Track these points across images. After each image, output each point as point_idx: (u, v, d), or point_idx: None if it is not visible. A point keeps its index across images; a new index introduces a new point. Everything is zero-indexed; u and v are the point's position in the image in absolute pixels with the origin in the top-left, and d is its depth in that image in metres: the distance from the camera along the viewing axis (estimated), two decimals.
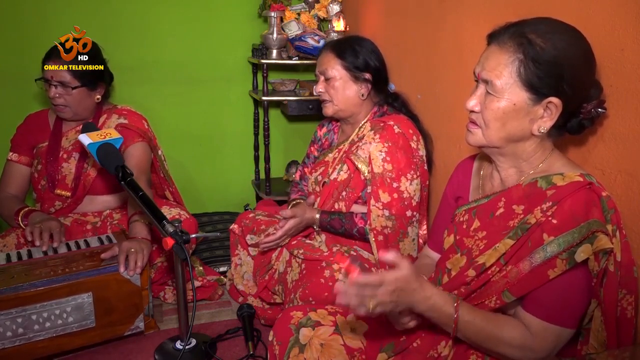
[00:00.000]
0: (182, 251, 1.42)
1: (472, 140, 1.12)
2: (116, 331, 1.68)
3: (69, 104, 1.92)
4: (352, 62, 1.76)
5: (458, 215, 1.22)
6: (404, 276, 0.99)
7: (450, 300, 1.04)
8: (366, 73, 1.77)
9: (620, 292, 1.01)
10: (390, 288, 0.97)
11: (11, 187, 1.98)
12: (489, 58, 1.06)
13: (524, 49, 1.01)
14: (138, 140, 1.99)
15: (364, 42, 1.83)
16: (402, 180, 1.64)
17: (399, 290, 0.99)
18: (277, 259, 1.81)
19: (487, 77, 1.05)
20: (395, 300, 0.99)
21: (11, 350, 1.53)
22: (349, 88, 1.77)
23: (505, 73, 1.03)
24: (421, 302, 1.02)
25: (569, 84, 1.01)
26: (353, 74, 1.77)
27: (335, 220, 1.72)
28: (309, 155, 2.07)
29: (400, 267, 0.99)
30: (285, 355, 1.13)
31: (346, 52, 1.77)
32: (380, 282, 0.97)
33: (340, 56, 1.77)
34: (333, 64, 1.77)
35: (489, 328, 1.03)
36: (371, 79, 1.78)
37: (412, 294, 1.00)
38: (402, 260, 1.00)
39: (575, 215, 0.97)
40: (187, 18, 2.69)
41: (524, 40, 1.01)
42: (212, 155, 2.93)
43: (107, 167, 1.57)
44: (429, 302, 1.02)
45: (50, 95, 1.89)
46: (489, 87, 1.05)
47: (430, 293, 1.02)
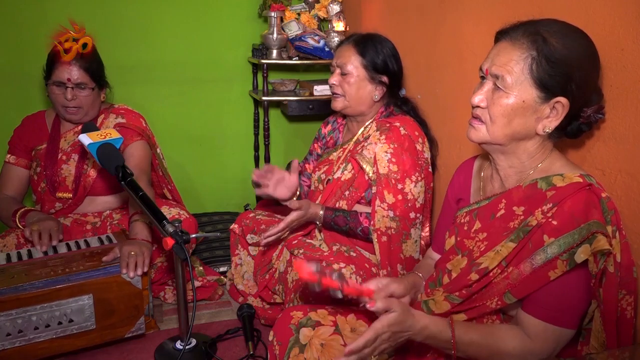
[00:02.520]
0: (182, 251, 1.42)
1: (474, 137, 1.11)
2: (117, 333, 1.68)
3: (83, 105, 1.91)
4: (372, 61, 1.73)
5: (459, 216, 1.22)
6: (395, 319, 0.99)
7: (445, 326, 1.04)
8: (384, 76, 1.74)
9: (620, 293, 1.01)
10: (385, 336, 0.99)
11: (9, 189, 1.97)
12: (500, 54, 1.05)
13: (537, 46, 1.01)
14: (137, 139, 1.99)
15: (387, 43, 1.79)
16: (407, 182, 1.63)
17: (395, 333, 1.00)
18: (278, 258, 1.81)
19: (497, 72, 1.04)
20: (393, 342, 1.01)
21: (11, 351, 1.52)
22: (363, 87, 1.75)
23: (517, 69, 1.02)
24: (417, 334, 1.02)
25: (577, 84, 1.01)
26: (370, 74, 1.73)
27: (339, 217, 1.70)
28: (311, 151, 2.06)
29: (392, 310, 0.99)
30: (286, 355, 1.14)
31: (369, 50, 1.73)
32: (375, 336, 0.97)
33: (362, 53, 1.73)
34: (353, 59, 1.74)
35: (488, 343, 1.04)
36: (387, 82, 1.75)
37: (408, 330, 1.01)
38: (392, 303, 1.00)
39: (575, 216, 0.97)
40: (187, 18, 2.69)
41: (539, 37, 1.01)
42: (212, 155, 2.92)
43: (107, 167, 1.57)
44: (425, 333, 1.03)
45: (68, 98, 1.87)
46: (499, 82, 1.04)
47: (424, 323, 1.03)
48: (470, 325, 1.07)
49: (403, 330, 1.00)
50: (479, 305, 1.08)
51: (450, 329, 1.03)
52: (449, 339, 1.03)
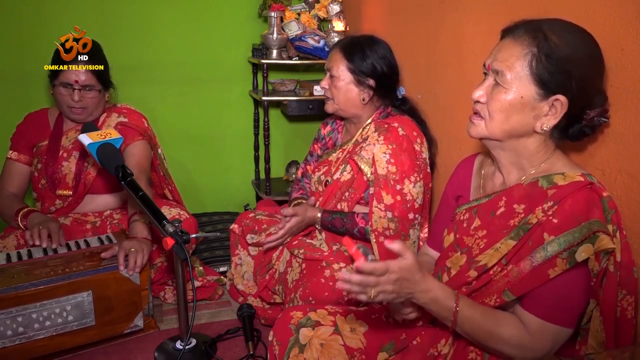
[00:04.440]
0: (182, 251, 1.42)
1: (473, 132, 1.12)
2: (116, 329, 1.68)
3: (88, 106, 1.92)
4: (358, 66, 1.73)
5: (459, 214, 1.22)
6: (408, 266, 0.99)
7: (451, 294, 1.04)
8: (370, 79, 1.74)
9: (621, 293, 1.01)
10: (393, 277, 0.97)
11: (10, 186, 1.97)
12: (502, 50, 1.06)
13: (538, 42, 1.01)
14: (138, 139, 1.99)
15: (378, 45, 1.78)
16: (406, 182, 1.63)
17: (402, 280, 0.99)
18: (278, 258, 1.81)
19: (498, 67, 1.05)
20: (398, 290, 0.99)
21: (11, 348, 1.53)
22: (350, 91, 1.76)
23: (517, 65, 1.03)
24: (422, 293, 1.02)
25: (577, 83, 1.01)
26: (357, 78, 1.74)
27: (336, 219, 1.71)
28: (311, 153, 2.06)
29: (405, 257, 0.99)
30: (285, 355, 1.13)
31: (355, 54, 1.75)
32: (384, 270, 0.96)
33: (347, 58, 1.75)
34: (339, 64, 1.75)
35: (488, 325, 1.04)
36: (374, 86, 1.75)
37: (415, 284, 1.00)
38: (407, 250, 0.99)
39: (575, 214, 0.97)
40: (188, 18, 2.69)
41: (540, 34, 1.02)
42: (212, 155, 2.93)
43: (107, 167, 1.57)
44: (430, 295, 1.02)
45: (75, 99, 1.88)
46: (499, 77, 1.05)
47: (432, 286, 1.03)
48: (474, 303, 1.07)
49: (411, 281, 0.99)
50: (478, 302, 1.08)
51: (455, 299, 1.04)
52: (452, 307, 1.03)
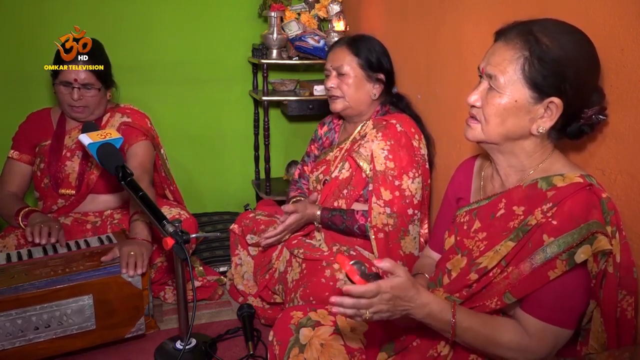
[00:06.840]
0: (182, 251, 1.42)
1: (470, 136, 1.12)
2: (117, 334, 1.68)
3: (89, 104, 1.93)
4: (367, 61, 1.76)
5: (459, 216, 1.22)
6: (400, 284, 0.98)
7: (447, 307, 1.04)
8: (380, 73, 1.78)
9: (620, 293, 1.01)
10: (386, 297, 0.96)
11: (11, 185, 1.98)
12: (494, 53, 1.06)
13: (530, 46, 1.01)
14: (142, 139, 2.00)
15: (376, 42, 1.84)
16: (404, 178, 1.64)
17: (396, 298, 0.98)
18: (278, 258, 1.81)
19: (491, 71, 1.05)
20: (392, 309, 0.98)
21: (11, 351, 1.52)
22: (362, 87, 1.77)
23: (509, 69, 1.03)
24: (419, 309, 1.01)
25: (571, 85, 1.01)
26: (367, 73, 1.77)
27: (336, 216, 1.71)
28: (308, 153, 2.07)
29: (397, 275, 0.98)
30: (285, 355, 1.13)
31: (362, 49, 1.77)
32: (376, 291, 0.96)
33: (356, 53, 1.77)
34: (349, 60, 1.76)
35: (486, 332, 1.04)
36: (384, 80, 1.79)
37: (409, 301, 1.00)
38: (398, 267, 0.99)
39: (575, 216, 0.97)
40: (188, 18, 2.69)
41: (531, 38, 1.01)
42: (212, 155, 2.92)
43: (107, 167, 1.57)
44: (425, 310, 1.01)
45: (75, 98, 1.88)
46: (493, 82, 1.05)
47: (427, 300, 1.02)
48: (471, 312, 1.06)
49: (404, 299, 0.98)
50: (478, 305, 1.08)
51: (452, 311, 1.03)
52: (449, 320, 1.03)
